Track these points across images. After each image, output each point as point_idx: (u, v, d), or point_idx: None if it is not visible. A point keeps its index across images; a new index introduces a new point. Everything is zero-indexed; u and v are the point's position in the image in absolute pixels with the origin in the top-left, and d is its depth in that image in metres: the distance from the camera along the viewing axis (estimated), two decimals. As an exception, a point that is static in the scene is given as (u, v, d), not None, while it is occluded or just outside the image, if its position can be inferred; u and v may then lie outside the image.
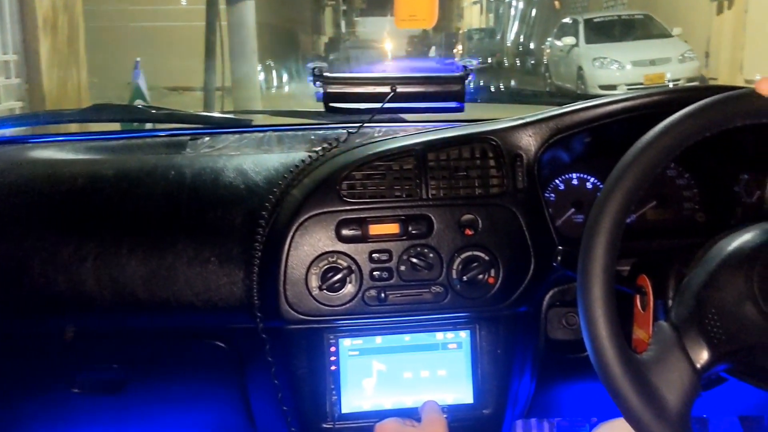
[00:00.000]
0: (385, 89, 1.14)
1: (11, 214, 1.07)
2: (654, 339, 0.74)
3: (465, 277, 1.01)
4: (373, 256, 1.01)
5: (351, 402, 1.03)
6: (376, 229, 1.02)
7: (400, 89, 1.14)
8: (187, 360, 1.13)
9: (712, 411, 1.34)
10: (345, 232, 1.01)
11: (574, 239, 0.92)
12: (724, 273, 0.75)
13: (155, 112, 1.44)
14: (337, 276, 0.99)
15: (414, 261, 1.01)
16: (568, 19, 11.25)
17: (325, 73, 1.15)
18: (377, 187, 1.03)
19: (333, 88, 1.15)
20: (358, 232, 1.01)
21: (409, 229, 1.02)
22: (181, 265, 1.03)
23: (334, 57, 18.09)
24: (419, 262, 1.01)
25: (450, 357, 1.04)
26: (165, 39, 9.10)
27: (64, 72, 5.32)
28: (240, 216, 1.05)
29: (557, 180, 1.21)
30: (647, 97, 1.08)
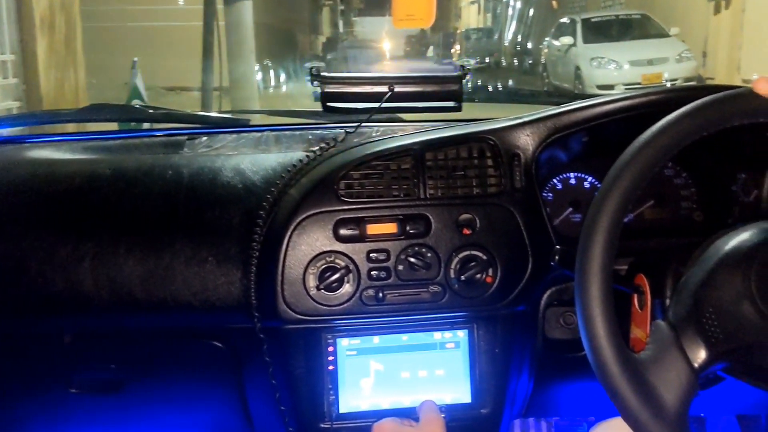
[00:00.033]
0: (383, 89, 1.14)
1: (8, 213, 1.07)
2: (651, 338, 0.74)
3: (463, 277, 1.01)
4: (371, 255, 1.01)
5: (349, 402, 1.03)
6: (373, 229, 1.02)
7: (397, 89, 1.14)
8: (185, 360, 1.13)
9: (709, 410, 1.34)
10: (343, 231, 1.01)
11: (571, 238, 0.92)
12: (721, 272, 0.75)
13: (153, 111, 1.44)
14: (335, 276, 0.99)
15: (412, 260, 1.01)
16: (565, 19, 11.24)
17: (323, 73, 1.14)
18: (375, 187, 1.03)
19: (330, 87, 1.15)
20: (355, 231, 1.01)
21: (407, 229, 1.02)
22: (179, 265, 1.03)
23: (331, 57, 18.06)
24: (417, 261, 1.01)
25: (448, 356, 1.04)
26: (162, 39, 9.09)
27: (61, 72, 5.31)
28: (237, 216, 1.05)
29: (555, 179, 1.21)
30: (644, 97, 1.08)
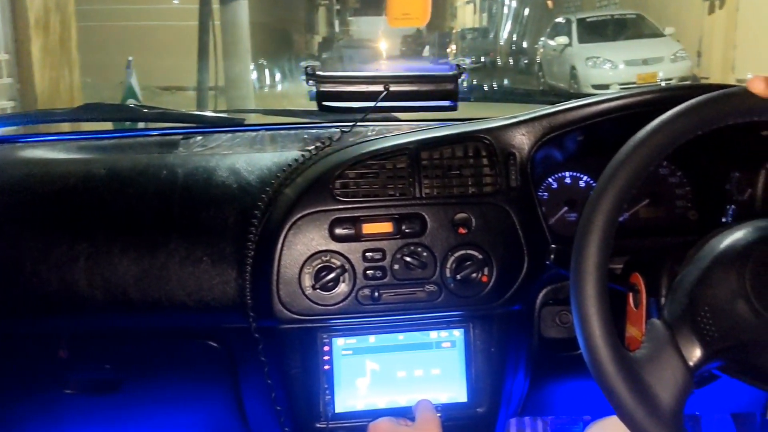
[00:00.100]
0: (379, 88, 1.13)
1: (3, 213, 1.07)
2: (647, 337, 0.74)
3: (458, 276, 1.01)
4: (367, 255, 1.01)
5: (344, 401, 1.02)
6: (369, 228, 1.02)
7: (393, 88, 1.14)
8: (180, 360, 1.13)
9: (704, 408, 1.35)
10: (338, 231, 1.01)
11: (567, 237, 0.92)
12: (716, 271, 0.75)
13: (147, 111, 1.44)
14: (331, 275, 0.99)
15: (407, 260, 1.01)
16: (561, 19, 11.25)
17: (318, 72, 1.14)
18: (370, 186, 1.03)
19: (326, 87, 1.15)
20: (351, 231, 1.01)
21: (403, 228, 1.02)
22: (174, 265, 1.02)
23: (327, 56, 18.05)
24: (413, 260, 1.01)
25: (444, 356, 1.04)
26: (158, 38, 9.07)
27: (56, 71, 5.29)
28: (233, 215, 1.05)
29: (550, 178, 1.21)
30: (639, 96, 1.08)
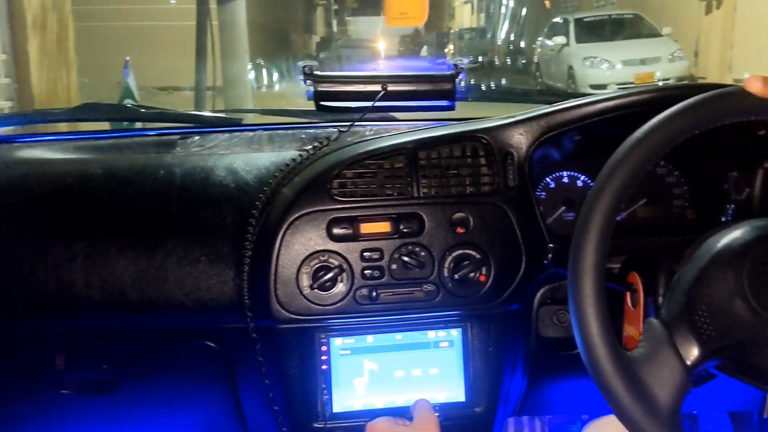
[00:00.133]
0: (376, 88, 1.13)
1: (0, 213, 1.06)
2: (644, 336, 0.75)
3: (456, 275, 1.01)
4: (365, 254, 1.01)
5: (342, 401, 1.02)
6: (367, 228, 1.02)
7: (391, 88, 1.13)
8: (178, 360, 1.13)
9: (702, 407, 1.35)
10: (336, 230, 1.01)
11: (564, 237, 0.92)
12: (714, 270, 0.75)
13: (145, 111, 1.44)
14: (328, 275, 0.99)
15: (405, 259, 1.01)
16: (558, 19, 11.26)
17: (316, 72, 1.14)
18: (368, 186, 1.03)
19: (323, 86, 1.14)
20: (349, 230, 1.01)
21: (401, 228, 1.02)
22: (171, 265, 1.02)
23: (325, 56, 18.03)
24: (411, 260, 1.01)
25: (442, 355, 1.04)
26: (155, 38, 9.06)
27: (53, 72, 5.29)
28: (230, 215, 1.05)
29: (548, 178, 1.21)
30: (637, 96, 1.08)
